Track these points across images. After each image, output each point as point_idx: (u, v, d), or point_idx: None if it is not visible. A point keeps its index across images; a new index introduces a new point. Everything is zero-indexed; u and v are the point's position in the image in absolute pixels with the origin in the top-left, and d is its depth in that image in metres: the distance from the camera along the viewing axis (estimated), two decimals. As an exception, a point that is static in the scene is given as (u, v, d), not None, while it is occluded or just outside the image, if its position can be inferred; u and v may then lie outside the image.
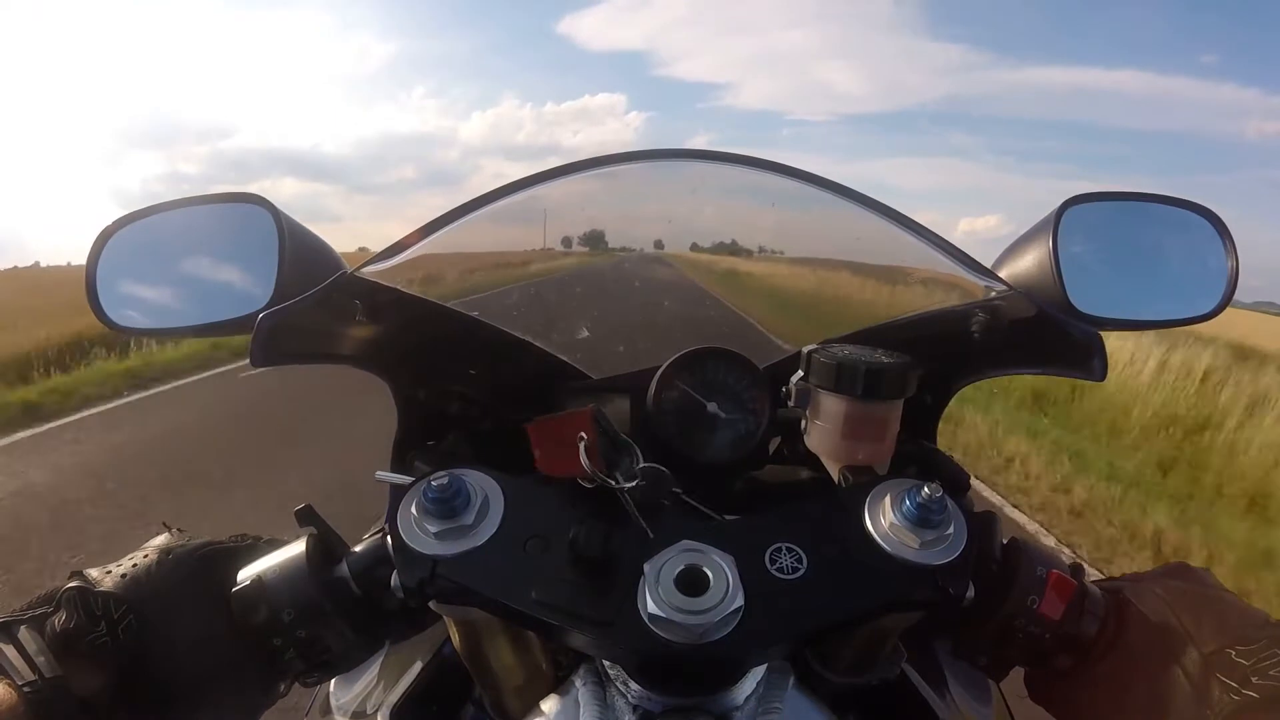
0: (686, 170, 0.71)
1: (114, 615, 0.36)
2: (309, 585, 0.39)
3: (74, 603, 0.36)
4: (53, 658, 0.34)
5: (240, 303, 0.54)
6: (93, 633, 0.36)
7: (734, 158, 0.64)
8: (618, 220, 0.92)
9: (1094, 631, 0.41)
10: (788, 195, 0.67)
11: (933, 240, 0.59)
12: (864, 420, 0.49)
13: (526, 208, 0.62)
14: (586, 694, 0.39)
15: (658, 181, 0.76)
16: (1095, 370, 0.55)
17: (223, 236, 0.61)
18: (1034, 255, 0.58)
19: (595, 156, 0.63)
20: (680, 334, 0.74)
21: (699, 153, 0.66)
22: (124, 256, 0.58)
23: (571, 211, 0.78)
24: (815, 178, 0.62)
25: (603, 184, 0.68)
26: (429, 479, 0.38)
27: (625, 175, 0.66)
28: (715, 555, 0.36)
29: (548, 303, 0.85)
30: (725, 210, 0.85)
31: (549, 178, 0.61)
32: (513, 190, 0.59)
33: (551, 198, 0.65)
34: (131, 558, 0.40)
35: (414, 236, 0.58)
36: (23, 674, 0.33)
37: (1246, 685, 0.35)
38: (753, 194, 0.74)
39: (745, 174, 0.65)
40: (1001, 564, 0.42)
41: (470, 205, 0.58)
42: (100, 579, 0.38)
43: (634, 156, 0.63)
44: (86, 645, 0.35)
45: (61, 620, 0.36)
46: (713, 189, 0.77)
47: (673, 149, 0.65)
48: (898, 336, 0.63)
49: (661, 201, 0.84)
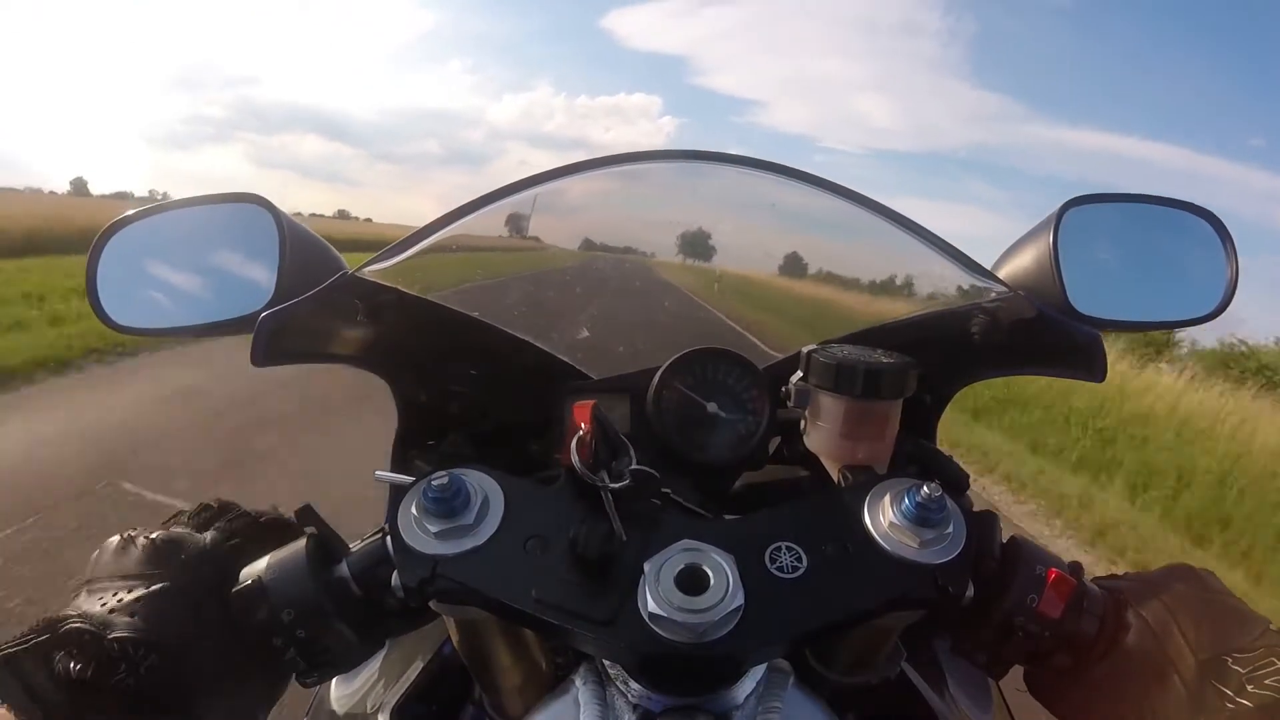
0: (689, 172, 0.71)
1: (134, 656, 0.35)
2: (309, 585, 0.39)
3: (88, 649, 0.34)
4: (64, 695, 0.34)
5: (241, 302, 0.54)
6: (116, 676, 0.34)
7: (733, 158, 0.64)
8: (621, 221, 0.92)
9: (1094, 631, 0.41)
10: (787, 197, 0.67)
11: (933, 241, 0.59)
12: (863, 420, 0.49)
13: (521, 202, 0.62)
14: (586, 693, 0.39)
15: (662, 184, 0.76)
16: (1096, 371, 0.54)
17: (223, 236, 0.61)
18: (1034, 256, 0.58)
19: (597, 158, 0.63)
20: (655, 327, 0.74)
21: (698, 153, 0.66)
22: (124, 256, 0.58)
23: (573, 210, 0.78)
24: (816, 179, 0.62)
25: (606, 184, 0.69)
26: (429, 479, 0.38)
27: (633, 176, 0.66)
28: (715, 554, 0.36)
29: (547, 301, 0.85)
30: (718, 213, 0.85)
31: (548, 178, 0.61)
32: (512, 190, 0.60)
33: (556, 194, 0.65)
34: (132, 590, 0.37)
35: (415, 236, 0.58)
36: (32, 712, 0.33)
37: (1241, 693, 0.35)
38: (751, 196, 0.74)
39: (742, 180, 0.65)
40: (1001, 563, 0.42)
41: (470, 205, 0.58)
42: (106, 620, 0.35)
43: (634, 157, 0.63)
44: (110, 687, 0.34)
45: (77, 667, 0.34)
46: (713, 190, 0.77)
47: (672, 150, 0.65)
48: (897, 337, 0.63)
49: (662, 205, 0.84)
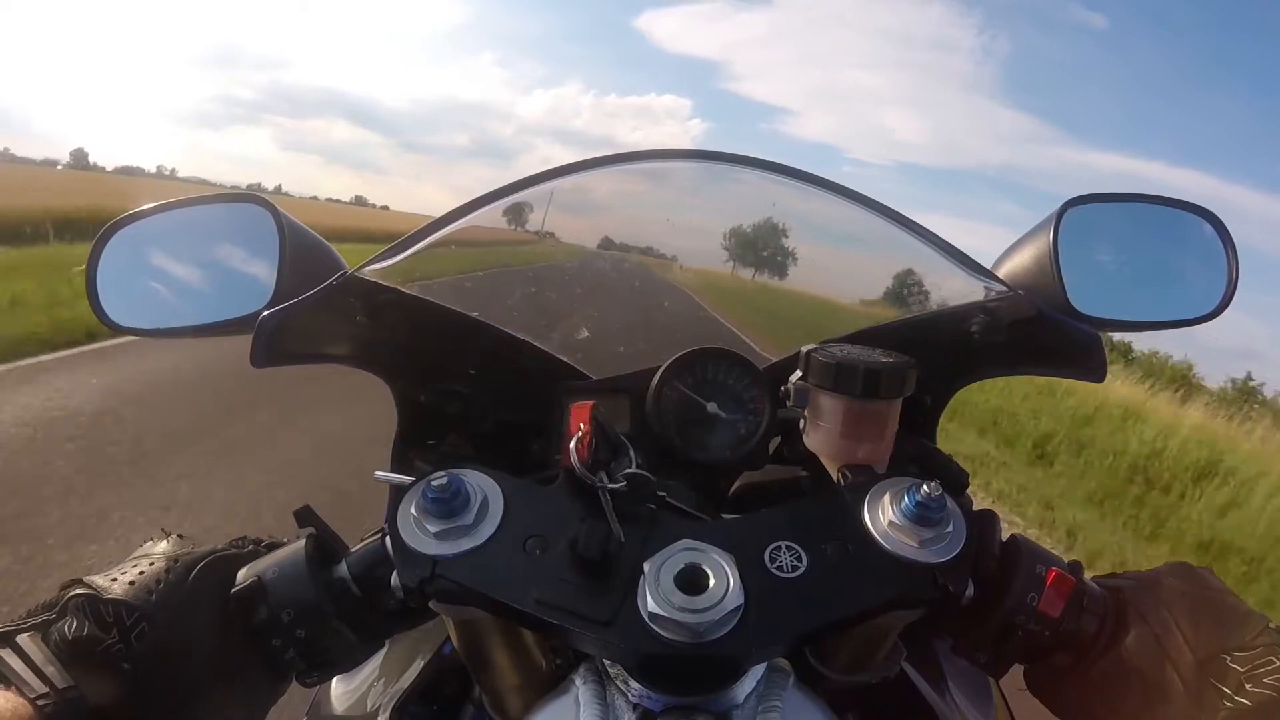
0: (689, 172, 0.71)
1: (126, 622, 0.35)
2: (308, 585, 0.39)
3: (82, 610, 0.35)
4: (62, 668, 0.34)
5: (241, 302, 0.54)
6: (105, 641, 0.34)
7: (731, 157, 0.64)
8: (626, 221, 0.92)
9: (1094, 629, 0.41)
10: (786, 196, 0.67)
11: (933, 241, 0.59)
12: (863, 419, 0.49)
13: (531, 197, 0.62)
14: (586, 693, 0.39)
15: (665, 184, 0.76)
16: (1095, 371, 0.55)
17: (223, 236, 0.61)
18: (1034, 256, 0.58)
19: (596, 158, 0.63)
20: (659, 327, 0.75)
21: (696, 153, 0.66)
22: (125, 256, 0.59)
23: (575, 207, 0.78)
24: (815, 178, 0.62)
25: (611, 183, 0.69)
26: (429, 479, 0.38)
27: (645, 176, 0.67)
28: (715, 554, 0.37)
29: (547, 299, 0.85)
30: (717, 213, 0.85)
31: (549, 178, 0.61)
32: (510, 191, 0.60)
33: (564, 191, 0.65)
34: (135, 564, 0.38)
35: (414, 236, 0.58)
36: (34, 687, 0.33)
37: (1240, 692, 0.35)
38: (749, 196, 0.74)
39: (741, 181, 0.65)
40: (1001, 562, 0.42)
41: (469, 206, 0.58)
42: (107, 586, 0.36)
43: (635, 157, 0.63)
44: (100, 654, 0.34)
45: (71, 628, 0.34)
46: (713, 192, 0.77)
47: (670, 149, 0.65)
48: (897, 336, 0.63)
49: (661, 205, 0.84)
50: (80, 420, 3.73)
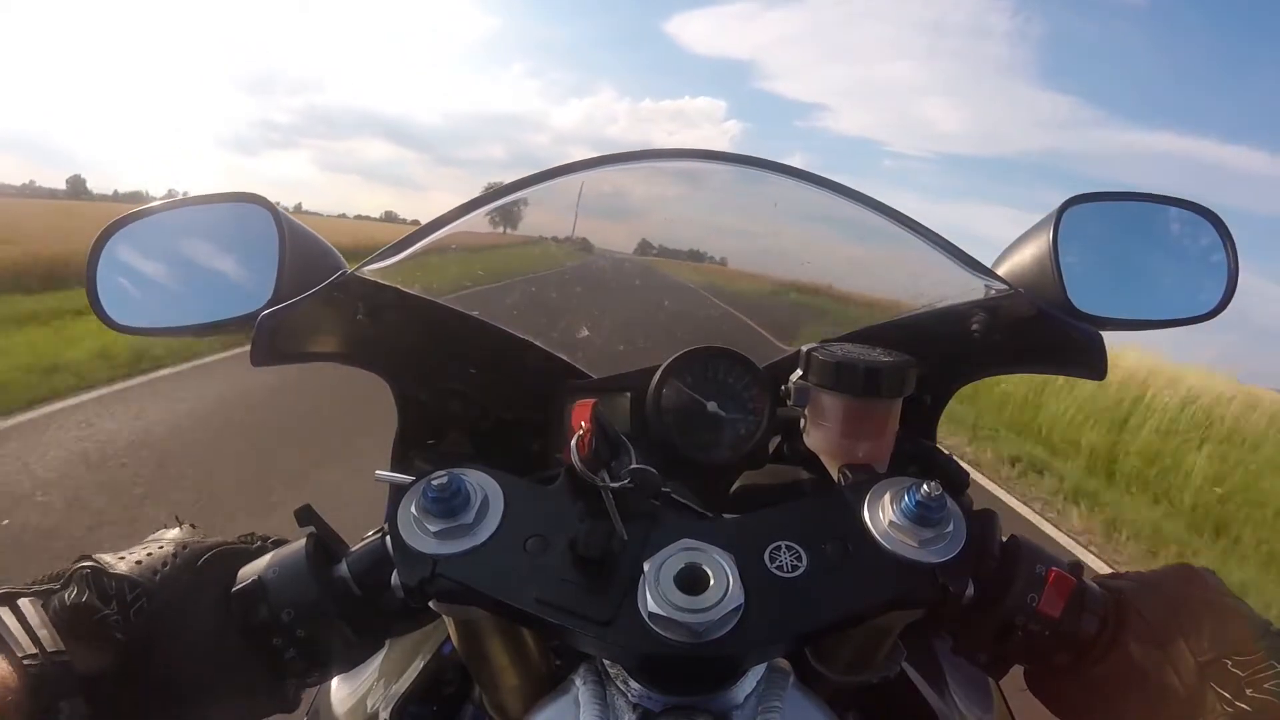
0: (687, 173, 0.71)
1: (127, 597, 0.36)
2: (309, 585, 0.39)
3: (86, 580, 0.36)
4: (56, 633, 0.34)
5: (241, 302, 0.54)
6: (102, 611, 0.35)
7: (730, 157, 0.64)
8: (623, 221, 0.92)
9: (1094, 630, 0.41)
10: (787, 197, 0.67)
11: (934, 240, 0.59)
12: (863, 419, 0.49)
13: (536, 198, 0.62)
14: (586, 693, 0.39)
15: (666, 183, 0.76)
16: (1096, 369, 0.54)
17: (223, 236, 0.61)
18: (1034, 255, 0.58)
19: (594, 157, 0.63)
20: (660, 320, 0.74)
21: (695, 152, 0.66)
22: (125, 256, 0.59)
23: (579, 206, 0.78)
24: (815, 177, 0.62)
25: (613, 183, 0.69)
26: (429, 478, 0.38)
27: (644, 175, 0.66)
28: (715, 554, 0.36)
29: (547, 299, 0.85)
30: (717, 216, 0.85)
31: (547, 178, 0.61)
32: (508, 191, 0.60)
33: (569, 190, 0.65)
34: (145, 547, 0.39)
35: (414, 236, 0.58)
36: (23, 647, 0.33)
37: (1240, 697, 0.35)
38: (750, 197, 0.74)
39: (742, 181, 0.65)
40: (1001, 562, 0.42)
41: (466, 207, 0.58)
42: (113, 562, 0.38)
43: (635, 157, 0.63)
44: (95, 623, 0.35)
45: (72, 595, 0.35)
46: (715, 191, 0.77)
47: (670, 149, 0.65)
48: (897, 335, 0.63)
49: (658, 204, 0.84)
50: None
